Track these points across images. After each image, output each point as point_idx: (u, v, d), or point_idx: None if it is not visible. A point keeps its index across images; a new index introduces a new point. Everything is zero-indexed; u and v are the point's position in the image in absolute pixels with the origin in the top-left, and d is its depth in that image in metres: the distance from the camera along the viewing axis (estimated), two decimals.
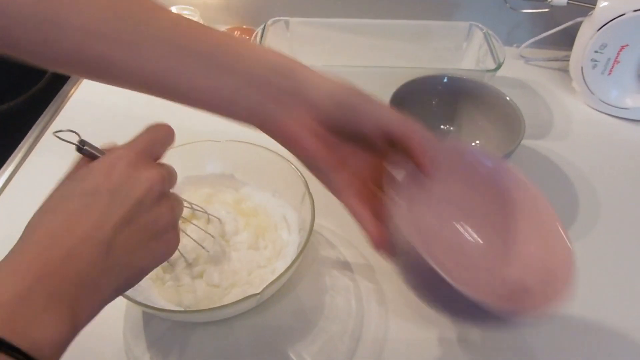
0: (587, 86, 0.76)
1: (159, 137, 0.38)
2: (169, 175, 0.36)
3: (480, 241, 0.47)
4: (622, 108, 0.75)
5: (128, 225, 0.32)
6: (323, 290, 0.53)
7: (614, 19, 0.68)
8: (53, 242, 0.30)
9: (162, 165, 0.37)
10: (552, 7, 0.77)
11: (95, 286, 0.31)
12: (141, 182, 0.34)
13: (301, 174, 0.52)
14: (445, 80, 0.68)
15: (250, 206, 0.57)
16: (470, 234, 0.47)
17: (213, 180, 0.58)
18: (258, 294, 0.44)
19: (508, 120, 0.64)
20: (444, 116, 0.70)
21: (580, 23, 0.75)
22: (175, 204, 0.36)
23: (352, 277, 0.54)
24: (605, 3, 0.69)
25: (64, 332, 0.28)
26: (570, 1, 0.74)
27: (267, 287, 0.45)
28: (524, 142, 0.64)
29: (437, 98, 0.69)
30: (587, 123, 0.76)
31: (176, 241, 0.36)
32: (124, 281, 0.33)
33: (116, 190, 0.33)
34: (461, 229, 0.47)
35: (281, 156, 0.54)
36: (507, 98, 0.64)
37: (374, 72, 0.70)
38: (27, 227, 0.31)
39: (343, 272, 0.55)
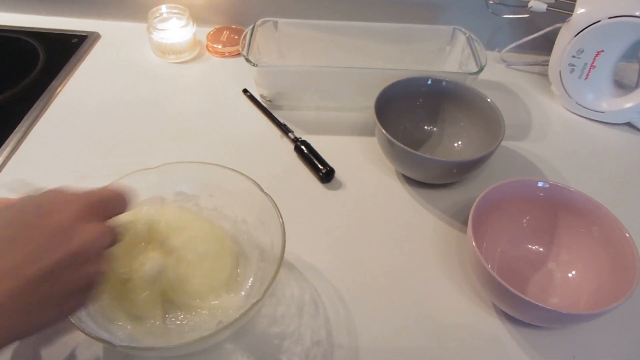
0: (565, 90, 0.79)
1: (113, 201, 0.38)
2: (111, 236, 0.36)
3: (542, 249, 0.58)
4: (598, 111, 0.78)
5: (57, 273, 0.31)
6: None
7: (591, 25, 0.71)
8: None
9: (107, 225, 0.36)
10: (532, 13, 0.80)
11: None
12: (87, 232, 0.33)
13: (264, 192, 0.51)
14: (429, 82, 0.70)
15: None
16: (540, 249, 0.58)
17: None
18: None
19: (489, 122, 0.66)
20: (428, 117, 0.72)
21: (559, 29, 0.77)
22: (101, 269, 0.35)
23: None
24: (582, 10, 0.72)
25: None
26: (549, 7, 0.77)
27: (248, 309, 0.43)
28: (504, 143, 0.66)
29: (421, 99, 0.71)
30: (564, 125, 0.79)
31: (83, 305, 0.35)
32: (26, 328, 0.31)
33: (58, 230, 0.32)
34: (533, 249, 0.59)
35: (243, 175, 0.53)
36: (488, 100, 0.67)
37: (360, 73, 0.72)
38: None
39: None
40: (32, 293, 0.30)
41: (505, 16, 0.84)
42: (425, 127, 0.73)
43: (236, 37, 0.88)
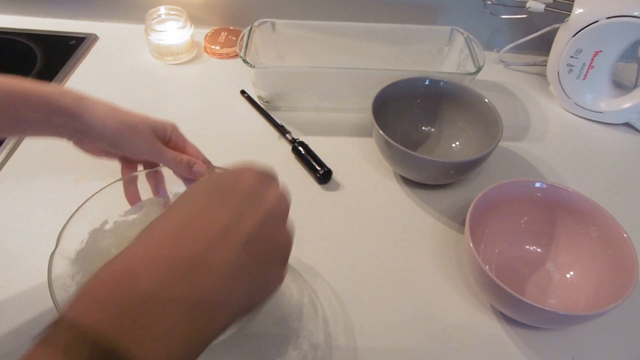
0: (563, 90, 0.79)
1: (272, 172, 0.37)
2: (289, 200, 0.35)
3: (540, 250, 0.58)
4: (597, 112, 0.78)
5: (260, 230, 0.30)
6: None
7: (588, 25, 0.71)
8: (179, 241, 0.28)
9: (283, 189, 0.36)
10: (530, 13, 0.80)
11: (222, 302, 0.28)
12: (272, 194, 0.33)
13: None
14: (427, 82, 0.70)
15: None
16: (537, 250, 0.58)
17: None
18: None
19: (487, 122, 0.66)
20: (426, 117, 0.72)
21: (557, 29, 0.77)
22: (291, 232, 0.34)
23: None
24: (580, 10, 0.71)
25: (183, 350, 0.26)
26: (547, 8, 0.77)
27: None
28: (502, 143, 0.66)
29: (419, 99, 0.71)
30: (563, 126, 0.78)
31: (283, 277, 0.33)
32: (246, 302, 0.30)
33: (249, 193, 0.32)
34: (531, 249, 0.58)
35: None
36: (486, 100, 0.67)
37: (358, 74, 0.72)
38: (147, 227, 0.29)
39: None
40: (248, 252, 0.29)
41: (503, 16, 0.84)
42: (423, 128, 0.73)
43: (234, 39, 0.88)
